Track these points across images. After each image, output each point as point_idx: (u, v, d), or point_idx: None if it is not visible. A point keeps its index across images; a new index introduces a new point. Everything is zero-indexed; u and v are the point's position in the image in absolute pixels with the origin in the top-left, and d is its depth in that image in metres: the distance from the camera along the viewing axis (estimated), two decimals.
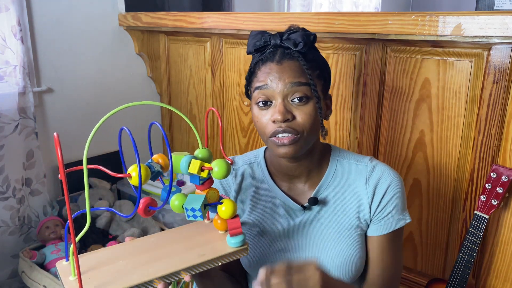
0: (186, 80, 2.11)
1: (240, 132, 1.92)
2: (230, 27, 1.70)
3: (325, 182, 0.89)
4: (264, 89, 0.79)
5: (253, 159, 0.95)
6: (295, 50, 0.79)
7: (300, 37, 0.79)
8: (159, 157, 0.68)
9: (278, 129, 0.78)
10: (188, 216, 0.67)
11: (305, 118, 0.79)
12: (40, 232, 1.76)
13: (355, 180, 0.88)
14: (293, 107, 0.79)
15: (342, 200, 0.88)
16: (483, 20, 1.11)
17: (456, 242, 1.41)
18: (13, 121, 1.69)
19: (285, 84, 0.78)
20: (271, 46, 0.81)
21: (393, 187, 0.86)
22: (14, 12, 1.64)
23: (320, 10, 3.27)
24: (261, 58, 0.81)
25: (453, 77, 1.30)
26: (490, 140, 1.26)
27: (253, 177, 0.93)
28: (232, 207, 0.70)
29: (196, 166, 0.66)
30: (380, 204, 0.86)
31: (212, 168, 0.68)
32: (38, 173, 1.82)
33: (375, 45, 1.42)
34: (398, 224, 0.87)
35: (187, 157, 0.67)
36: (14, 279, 1.77)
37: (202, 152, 0.70)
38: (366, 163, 0.89)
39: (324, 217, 0.88)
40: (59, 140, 0.51)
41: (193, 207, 0.65)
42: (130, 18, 2.01)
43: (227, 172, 0.68)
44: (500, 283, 1.32)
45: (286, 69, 0.79)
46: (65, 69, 1.91)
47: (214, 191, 0.71)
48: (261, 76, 0.80)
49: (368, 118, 1.50)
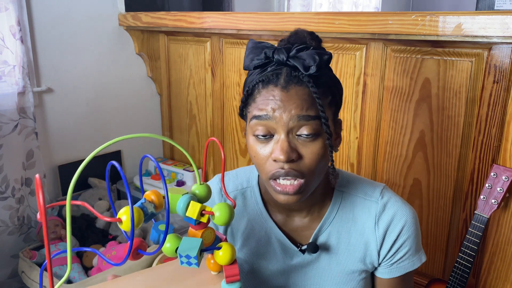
0: (186, 80, 2.11)
1: (240, 132, 1.92)
2: (230, 27, 1.70)
3: (328, 219, 0.77)
4: (265, 119, 0.65)
5: (245, 184, 0.82)
6: (305, 74, 0.64)
7: (311, 58, 0.64)
8: (152, 194, 0.60)
9: (280, 170, 0.65)
10: (181, 262, 0.59)
11: (313, 158, 0.65)
12: (40, 232, 1.76)
13: (363, 218, 0.76)
14: (299, 143, 0.65)
15: (346, 241, 0.77)
16: (483, 20, 1.11)
17: (456, 242, 1.41)
18: (12, 121, 1.69)
19: (291, 116, 0.63)
20: (274, 63, 0.66)
21: (407, 229, 0.75)
22: (13, 12, 1.64)
23: (320, 10, 3.27)
24: (262, 79, 0.65)
25: (453, 77, 1.30)
26: (490, 140, 1.26)
27: (245, 206, 0.80)
28: (230, 253, 0.62)
29: (195, 210, 0.58)
30: (391, 249, 0.76)
31: (213, 213, 0.60)
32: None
33: (375, 45, 1.42)
34: (412, 266, 0.78)
35: (185, 197, 0.60)
36: (14, 279, 1.77)
37: (199, 189, 0.63)
38: (377, 198, 0.76)
39: (325, 259, 0.78)
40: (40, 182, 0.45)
41: (188, 254, 0.58)
42: (130, 18, 2.01)
43: (230, 219, 0.60)
44: (500, 283, 1.32)
45: (293, 97, 0.63)
46: (65, 69, 1.91)
47: (210, 231, 0.63)
48: (261, 103, 0.65)
49: (368, 118, 1.50)
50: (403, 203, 0.77)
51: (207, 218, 0.59)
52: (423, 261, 0.79)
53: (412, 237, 0.76)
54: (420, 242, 0.79)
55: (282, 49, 0.66)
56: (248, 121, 0.69)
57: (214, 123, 2.04)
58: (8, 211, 1.75)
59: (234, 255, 0.63)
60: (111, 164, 0.52)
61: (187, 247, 0.58)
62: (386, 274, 0.78)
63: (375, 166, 1.53)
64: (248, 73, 0.72)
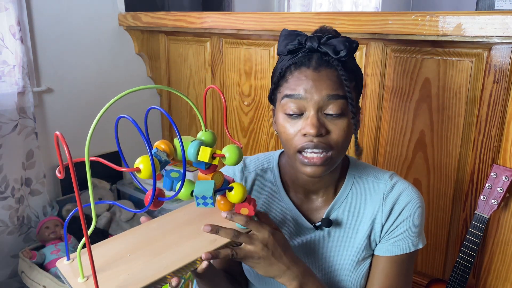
0: (186, 80, 2.11)
1: (240, 132, 1.92)
2: (230, 27, 1.70)
3: (339, 199, 0.82)
4: (297, 98, 0.71)
5: (265, 165, 0.88)
6: (335, 57, 0.70)
7: (342, 43, 0.70)
8: (161, 143, 0.62)
9: (309, 143, 0.71)
10: (198, 204, 0.62)
11: (340, 134, 0.71)
12: (40, 232, 1.76)
13: (372, 200, 0.81)
14: (327, 121, 0.71)
15: (355, 221, 0.82)
16: (483, 20, 1.11)
17: (456, 242, 1.41)
18: (11, 121, 1.69)
19: (322, 95, 0.70)
20: (306, 49, 0.73)
21: (411, 206, 0.79)
22: (13, 11, 1.64)
23: (320, 10, 3.27)
24: (295, 62, 0.72)
25: (453, 77, 1.30)
26: (490, 140, 1.26)
27: (264, 185, 0.86)
28: (242, 192, 0.66)
29: (206, 154, 0.61)
30: (394, 223, 0.80)
31: (224, 155, 0.64)
32: (38, 173, 1.81)
33: (375, 45, 1.42)
34: (407, 248, 0.79)
35: (195, 143, 0.62)
36: (14, 279, 1.77)
37: (205, 135, 0.66)
38: (386, 180, 0.82)
39: (335, 237, 0.82)
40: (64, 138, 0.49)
41: (204, 195, 0.61)
42: (130, 18, 2.01)
43: (239, 159, 0.64)
44: (500, 283, 1.32)
45: (324, 78, 0.70)
46: (65, 69, 1.91)
47: (218, 174, 0.66)
48: (293, 83, 0.71)
49: (368, 118, 1.50)
50: (412, 186, 0.82)
51: (217, 161, 0.63)
52: (419, 247, 0.81)
53: (415, 216, 0.80)
54: (422, 228, 0.82)
55: (314, 37, 0.72)
56: (278, 100, 0.75)
57: (214, 123, 2.04)
58: (8, 211, 1.75)
59: (245, 193, 0.67)
60: (120, 118, 0.57)
61: (202, 189, 0.62)
62: (383, 251, 0.81)
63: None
64: (279, 59, 0.78)
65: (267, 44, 1.70)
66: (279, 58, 0.79)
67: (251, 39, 1.75)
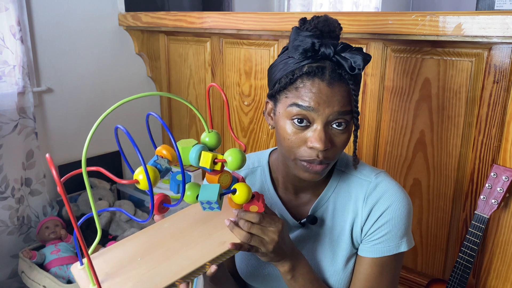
0: (186, 80, 2.11)
1: (240, 132, 1.92)
2: (230, 27, 1.70)
3: (325, 196, 0.83)
4: (307, 110, 0.70)
5: (256, 163, 0.89)
6: (351, 73, 0.70)
7: (360, 60, 0.69)
8: (163, 149, 0.61)
9: (316, 159, 0.71)
10: (204, 208, 0.61)
11: (341, 147, 0.73)
12: (40, 232, 1.76)
13: (356, 195, 0.81)
14: (332, 134, 0.72)
15: (340, 218, 0.82)
16: (483, 20, 1.11)
17: (456, 242, 1.41)
18: (11, 121, 1.69)
19: (332, 111, 0.69)
20: (319, 55, 0.70)
21: (392, 210, 0.78)
22: (13, 11, 1.64)
23: (320, 10, 3.27)
24: (308, 72, 0.69)
25: (453, 77, 1.30)
26: (490, 140, 1.26)
27: (254, 183, 0.88)
28: (246, 193, 0.64)
29: (208, 160, 0.59)
30: (372, 226, 0.79)
31: (225, 161, 0.62)
32: (38, 173, 1.81)
33: (375, 45, 1.42)
34: (388, 251, 0.78)
35: (196, 148, 0.60)
36: (14, 279, 1.77)
37: (210, 136, 0.64)
38: (371, 178, 0.81)
39: (320, 235, 0.83)
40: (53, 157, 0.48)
41: (209, 200, 0.59)
42: (130, 18, 2.01)
43: (243, 163, 0.63)
44: (500, 283, 1.32)
45: (336, 94, 0.69)
46: (65, 69, 1.91)
47: (226, 174, 0.64)
48: (305, 94, 0.70)
49: (368, 118, 1.50)
50: (397, 188, 0.80)
51: (220, 166, 0.61)
52: (402, 250, 0.79)
53: (395, 221, 0.78)
54: (405, 230, 0.80)
55: (329, 44, 0.70)
56: (283, 103, 0.73)
57: (214, 123, 2.04)
58: (8, 211, 1.75)
59: (250, 193, 0.65)
60: (117, 128, 0.54)
61: (206, 194, 0.60)
62: (365, 252, 0.80)
63: (375, 166, 1.53)
64: (283, 55, 0.75)
65: (267, 44, 1.70)
66: (283, 52, 0.76)
67: (251, 39, 1.75)
